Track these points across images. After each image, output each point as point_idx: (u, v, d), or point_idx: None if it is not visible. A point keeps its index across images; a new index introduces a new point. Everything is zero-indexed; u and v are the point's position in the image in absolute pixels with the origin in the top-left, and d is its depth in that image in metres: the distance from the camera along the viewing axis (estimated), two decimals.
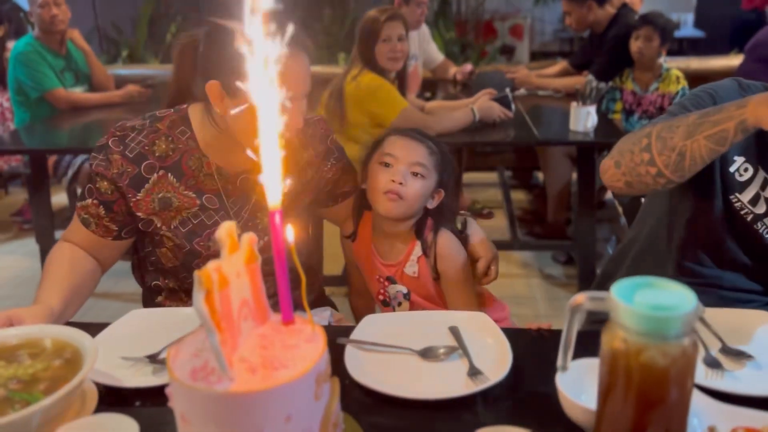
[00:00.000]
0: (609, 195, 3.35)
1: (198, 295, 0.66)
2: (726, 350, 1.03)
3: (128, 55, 5.63)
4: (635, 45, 3.00)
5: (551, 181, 3.29)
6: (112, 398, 0.94)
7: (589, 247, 2.80)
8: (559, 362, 0.76)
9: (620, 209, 2.74)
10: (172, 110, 1.29)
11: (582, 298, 0.71)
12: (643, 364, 0.66)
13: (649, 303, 0.66)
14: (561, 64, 3.73)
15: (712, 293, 1.32)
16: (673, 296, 0.67)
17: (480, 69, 4.13)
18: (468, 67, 3.78)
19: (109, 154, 1.24)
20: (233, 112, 1.14)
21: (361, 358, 1.02)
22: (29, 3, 3.29)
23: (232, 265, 0.76)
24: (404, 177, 1.30)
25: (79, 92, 3.43)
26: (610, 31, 3.19)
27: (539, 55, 7.62)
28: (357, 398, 0.94)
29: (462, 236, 1.39)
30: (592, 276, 2.68)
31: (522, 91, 3.39)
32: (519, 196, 4.16)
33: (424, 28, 3.75)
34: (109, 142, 1.26)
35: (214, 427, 0.70)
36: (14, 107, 3.45)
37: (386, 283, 1.40)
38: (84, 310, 1.20)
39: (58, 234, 3.21)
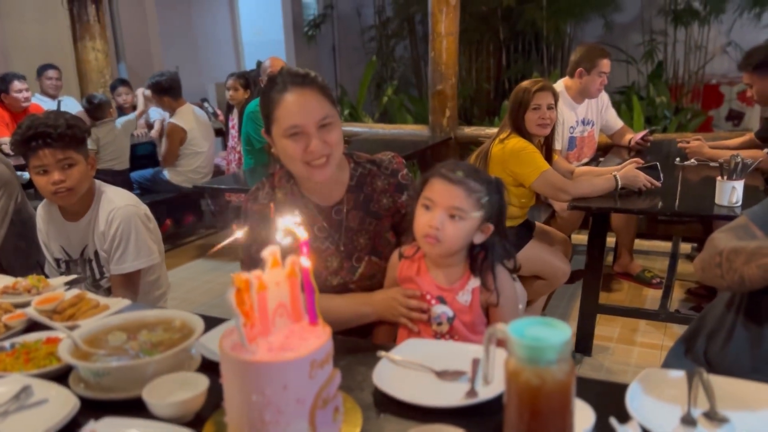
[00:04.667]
0: None
1: (230, 291, 1.01)
2: (710, 414, 1.10)
3: (349, 113, 6.43)
4: None
5: None
6: (210, 366, 1.31)
7: None
8: (482, 378, 0.96)
9: None
10: (280, 166, 1.68)
11: (494, 328, 0.91)
12: (522, 383, 0.85)
13: (529, 336, 0.85)
14: (747, 136, 3.56)
15: None
16: (552, 333, 0.85)
17: (663, 136, 4.07)
18: (641, 133, 3.78)
19: (249, 211, 1.65)
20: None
21: (389, 369, 1.27)
22: (261, 71, 4.10)
23: (273, 276, 1.09)
24: (441, 221, 1.39)
25: None
26: None
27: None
28: (373, 395, 1.20)
29: (512, 269, 1.50)
30: None
31: (692, 162, 3.32)
32: None
33: (604, 96, 3.85)
34: (248, 204, 1.66)
35: (236, 384, 1.02)
36: (244, 155, 4.26)
37: (435, 302, 1.49)
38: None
39: None
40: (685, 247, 4.18)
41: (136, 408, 1.14)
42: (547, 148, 2.85)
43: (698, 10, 6.55)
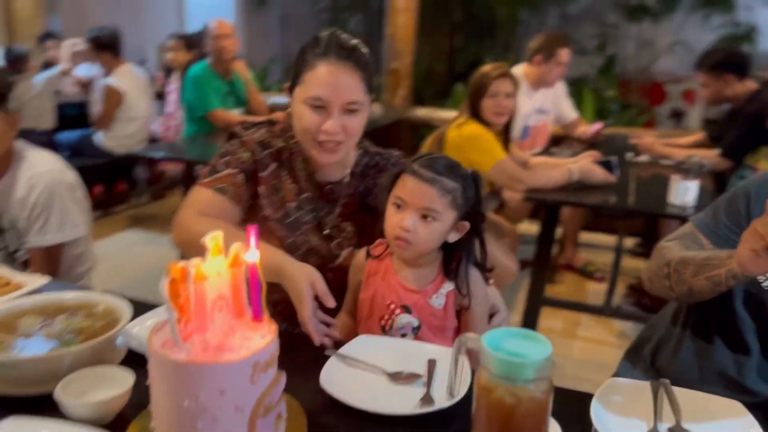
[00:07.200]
0: None
1: (163, 281, 0.87)
2: (675, 429, 1.04)
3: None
4: None
5: None
6: (136, 358, 1.16)
7: None
8: (447, 390, 0.87)
9: None
10: (286, 115, 1.52)
11: (465, 337, 0.82)
12: (495, 401, 0.76)
13: (506, 350, 0.76)
14: (698, 135, 3.60)
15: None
16: (531, 347, 0.76)
17: (614, 131, 4.09)
18: (595, 127, 3.78)
19: (245, 135, 1.49)
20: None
21: (338, 370, 1.17)
22: (205, 34, 3.87)
23: (214, 266, 0.95)
24: (413, 223, 1.28)
25: (235, 114, 3.94)
26: (746, 108, 3.05)
27: (712, 124, 7.25)
28: (316, 399, 1.09)
29: (485, 269, 1.39)
30: None
31: (644, 158, 3.33)
32: (642, 265, 4.02)
33: (560, 86, 3.81)
34: (241, 129, 1.51)
35: (165, 386, 0.89)
36: (186, 122, 4.04)
37: (399, 312, 1.35)
38: None
39: None
40: (627, 242, 4.22)
41: (47, 406, 1.00)
42: (506, 136, 2.77)
43: (650, 6, 6.64)
